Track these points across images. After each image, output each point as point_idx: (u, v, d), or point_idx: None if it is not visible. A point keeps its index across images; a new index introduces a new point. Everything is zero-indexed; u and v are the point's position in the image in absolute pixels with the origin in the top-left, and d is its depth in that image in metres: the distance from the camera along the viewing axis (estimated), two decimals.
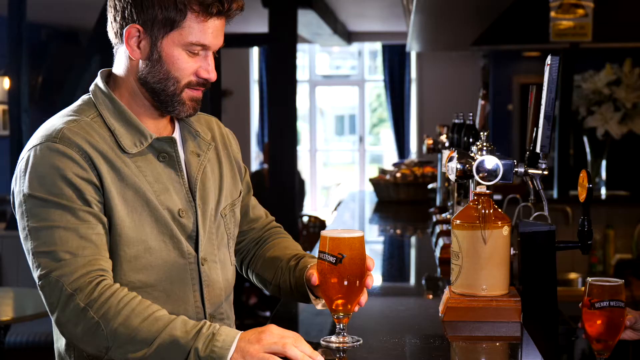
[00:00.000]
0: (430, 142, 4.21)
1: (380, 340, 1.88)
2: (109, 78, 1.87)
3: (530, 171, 2.15)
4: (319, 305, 1.95)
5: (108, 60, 6.02)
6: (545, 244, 2.07)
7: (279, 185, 6.26)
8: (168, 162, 1.84)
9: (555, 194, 5.87)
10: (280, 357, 1.60)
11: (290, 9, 6.21)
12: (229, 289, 1.98)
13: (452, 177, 2.23)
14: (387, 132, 12.62)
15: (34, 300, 4.96)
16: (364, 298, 1.82)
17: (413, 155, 11.11)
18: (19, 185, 1.70)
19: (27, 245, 1.68)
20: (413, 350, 1.88)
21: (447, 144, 4.07)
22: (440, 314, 2.08)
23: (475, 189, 2.09)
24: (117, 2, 1.78)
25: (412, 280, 3.04)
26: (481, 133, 2.29)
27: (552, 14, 5.54)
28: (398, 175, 5.34)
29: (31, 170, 1.69)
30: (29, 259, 1.69)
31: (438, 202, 4.31)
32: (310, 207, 11.54)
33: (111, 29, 1.82)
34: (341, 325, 1.81)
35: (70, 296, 1.62)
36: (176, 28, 1.74)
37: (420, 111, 11.12)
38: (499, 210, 2.07)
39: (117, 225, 1.73)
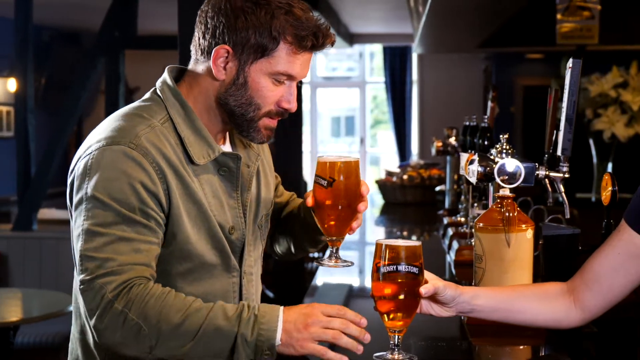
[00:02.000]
0: (440, 144, 4.21)
1: (404, 344, 1.88)
2: (178, 77, 1.84)
3: (552, 174, 2.16)
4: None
5: (113, 61, 6.03)
6: (568, 247, 2.08)
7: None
8: (227, 176, 1.82)
9: (559, 197, 5.87)
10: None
11: None
12: (259, 300, 1.98)
13: (473, 179, 2.23)
14: (384, 134, 12.62)
15: (41, 301, 4.97)
16: (356, 223, 1.82)
17: (414, 157, 11.11)
18: (83, 182, 1.67)
19: (77, 244, 1.65)
20: (439, 353, 1.89)
21: (457, 146, 4.08)
22: (463, 317, 2.08)
23: (498, 192, 2.09)
24: (208, 20, 1.74)
25: None
26: (501, 136, 2.29)
27: (559, 16, 5.54)
28: (405, 177, 5.34)
29: (100, 171, 1.65)
30: (76, 258, 1.66)
31: (447, 205, 4.32)
32: None
33: (197, 44, 1.78)
34: (334, 248, 1.82)
35: (110, 302, 1.60)
36: (266, 56, 1.71)
37: (421, 113, 11.13)
38: (523, 213, 2.07)
39: (181, 240, 1.72)
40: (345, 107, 12.88)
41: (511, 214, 2.02)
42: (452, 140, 4.16)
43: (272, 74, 1.73)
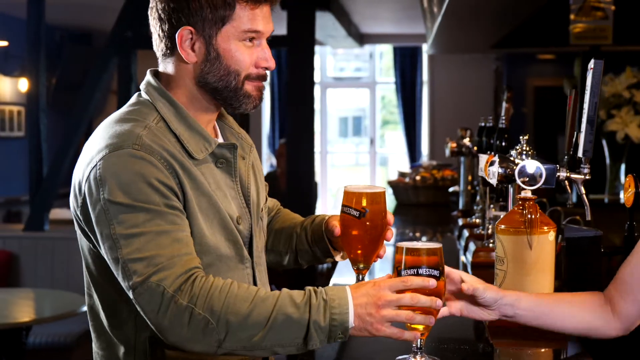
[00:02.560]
0: (454, 145, 4.20)
1: (427, 347, 1.87)
2: (158, 79, 1.82)
3: (573, 176, 2.14)
4: (338, 257, 1.98)
5: (126, 62, 6.01)
6: (591, 249, 2.06)
7: (297, 187, 6.26)
8: (225, 168, 1.81)
9: (573, 198, 5.84)
10: None
11: (308, 11, 6.20)
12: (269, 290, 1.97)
13: (494, 181, 2.22)
14: (392, 135, 12.60)
15: (53, 301, 4.97)
16: (382, 250, 1.86)
17: (424, 157, 11.10)
18: (98, 194, 1.63)
19: (114, 254, 1.61)
20: (461, 356, 1.87)
21: (471, 147, 4.07)
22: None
23: (520, 194, 2.08)
24: (160, 13, 1.74)
25: None
26: (521, 137, 2.28)
27: (572, 16, 5.52)
28: (418, 178, 5.33)
29: (112, 178, 1.62)
30: (117, 266, 1.62)
31: (461, 206, 4.30)
32: (321, 209, 11.52)
33: (159, 41, 1.77)
34: (360, 276, 1.85)
35: (172, 298, 1.58)
36: (228, 22, 1.72)
37: (432, 114, 11.11)
38: (545, 215, 2.05)
39: (197, 234, 1.71)
40: (352, 108, 12.86)
41: (533, 216, 2.01)
42: (466, 141, 4.15)
43: (239, 36, 1.74)
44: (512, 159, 2.21)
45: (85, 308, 4.49)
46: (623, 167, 5.96)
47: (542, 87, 8.94)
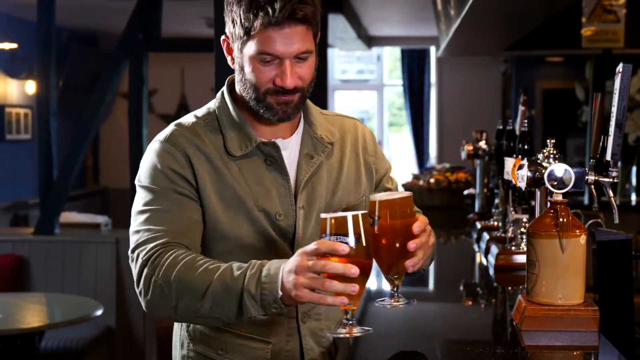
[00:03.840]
0: (471, 148, 4.18)
1: (463, 351, 1.86)
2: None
3: (602, 179, 2.14)
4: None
5: (137, 64, 5.94)
6: (621, 253, 2.05)
7: None
8: (274, 166, 1.91)
9: (585, 200, 5.85)
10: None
11: (322, 13, 6.18)
12: None
13: (522, 184, 2.21)
14: (395, 137, 12.60)
15: (64, 305, 4.97)
16: (410, 262, 1.72)
17: (433, 160, 11.09)
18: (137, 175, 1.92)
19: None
20: (493, 359, 1.87)
21: (487, 150, 4.06)
22: (516, 323, 2.06)
23: (552, 197, 2.07)
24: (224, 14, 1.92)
25: (461, 287, 2.99)
26: (548, 140, 2.27)
27: (584, 19, 5.53)
28: (432, 180, 5.32)
29: (143, 163, 1.91)
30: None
31: (477, 208, 4.29)
32: None
33: None
34: (395, 287, 1.78)
35: (143, 267, 1.76)
36: (249, 39, 1.81)
37: (440, 116, 11.10)
38: (576, 218, 2.05)
39: (211, 220, 1.86)
40: (355, 110, 12.86)
41: (565, 220, 2.00)
42: (482, 143, 4.14)
43: (255, 55, 1.82)
44: (539, 162, 2.20)
45: (97, 312, 4.50)
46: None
47: (551, 89, 8.94)
